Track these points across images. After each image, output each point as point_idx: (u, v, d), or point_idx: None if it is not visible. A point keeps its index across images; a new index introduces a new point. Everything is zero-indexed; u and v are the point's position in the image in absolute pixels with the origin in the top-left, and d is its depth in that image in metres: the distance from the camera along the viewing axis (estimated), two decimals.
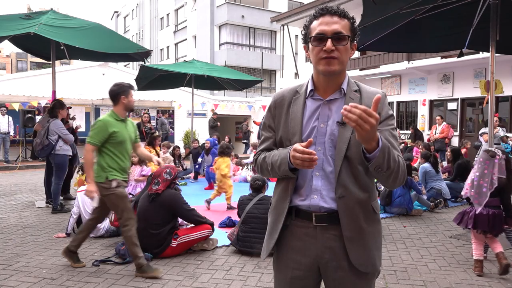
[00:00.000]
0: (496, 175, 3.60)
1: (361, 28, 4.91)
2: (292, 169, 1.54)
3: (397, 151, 1.52)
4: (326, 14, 1.54)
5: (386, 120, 1.57)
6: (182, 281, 3.55)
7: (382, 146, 1.39)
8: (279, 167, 1.57)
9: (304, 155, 1.41)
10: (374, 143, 1.38)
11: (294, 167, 1.51)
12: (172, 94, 16.27)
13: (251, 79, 11.23)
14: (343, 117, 1.49)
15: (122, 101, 3.82)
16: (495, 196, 3.65)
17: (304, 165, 1.44)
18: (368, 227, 1.57)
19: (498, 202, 3.69)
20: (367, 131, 1.31)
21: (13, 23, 5.83)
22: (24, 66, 59.91)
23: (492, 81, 4.62)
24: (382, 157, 1.40)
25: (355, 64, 15.77)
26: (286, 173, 1.56)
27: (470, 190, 3.74)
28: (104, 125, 3.67)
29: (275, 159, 1.59)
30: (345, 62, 1.55)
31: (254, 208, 4.32)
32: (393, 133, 1.57)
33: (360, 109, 1.29)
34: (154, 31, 39.03)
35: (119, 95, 3.81)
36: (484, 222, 3.61)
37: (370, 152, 1.40)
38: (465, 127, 13.25)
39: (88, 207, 4.76)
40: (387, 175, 1.45)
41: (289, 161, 1.50)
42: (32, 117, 12.46)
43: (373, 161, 1.41)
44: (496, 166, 3.59)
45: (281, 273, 1.68)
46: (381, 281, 3.55)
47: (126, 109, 3.88)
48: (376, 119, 1.30)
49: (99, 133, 3.64)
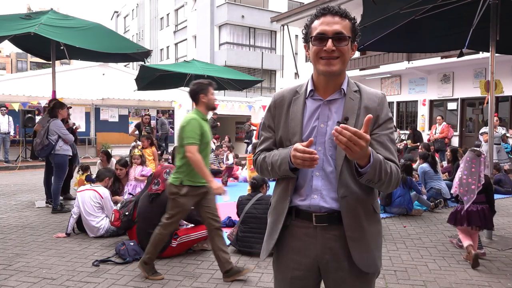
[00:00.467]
0: (483, 173, 3.81)
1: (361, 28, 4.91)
2: (292, 169, 1.53)
3: (392, 155, 1.54)
4: (327, 14, 1.54)
5: (385, 123, 1.58)
6: (182, 281, 3.55)
7: (373, 162, 1.40)
8: (279, 167, 1.56)
9: (305, 155, 1.41)
10: (365, 159, 1.40)
11: (294, 167, 1.50)
12: (172, 94, 16.26)
13: (251, 79, 11.22)
14: (342, 118, 1.49)
15: (201, 100, 3.52)
16: (481, 193, 3.91)
17: (305, 164, 1.43)
18: (369, 227, 1.57)
19: (484, 198, 3.95)
20: (356, 153, 1.32)
21: (13, 23, 5.83)
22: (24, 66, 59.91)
23: (492, 81, 4.62)
24: (373, 173, 1.42)
25: (355, 64, 15.77)
26: (286, 173, 1.56)
27: (459, 188, 3.91)
28: (198, 124, 3.40)
29: (275, 159, 1.59)
30: (345, 63, 1.55)
31: (252, 208, 4.32)
32: (391, 137, 1.58)
33: (350, 131, 1.30)
34: (154, 31, 39.03)
35: (197, 94, 3.51)
36: (476, 218, 3.85)
37: (362, 167, 1.42)
38: (465, 127, 13.25)
39: (88, 207, 4.76)
40: (378, 185, 1.49)
41: (290, 160, 1.50)
42: (32, 117, 12.47)
43: (364, 176, 1.43)
44: (483, 164, 3.82)
45: (281, 273, 1.68)
46: (381, 281, 3.55)
47: (207, 108, 3.58)
48: (366, 141, 1.32)
49: (196, 131, 3.36)
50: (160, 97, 17.03)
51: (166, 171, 4.28)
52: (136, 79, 9.82)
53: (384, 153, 1.51)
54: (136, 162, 6.32)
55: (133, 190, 6.25)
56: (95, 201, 4.81)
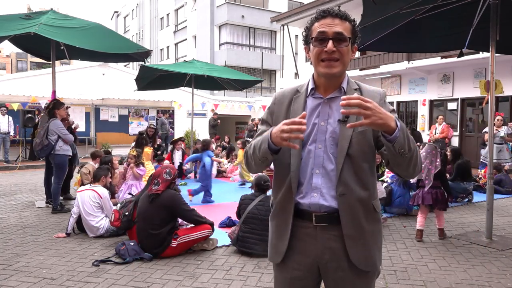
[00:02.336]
0: (438, 161, 4.84)
1: (361, 28, 4.92)
2: (273, 151, 1.50)
3: None
4: (327, 16, 1.55)
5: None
6: (182, 281, 3.55)
7: (401, 125, 1.39)
8: (260, 147, 1.53)
9: (292, 126, 1.38)
10: (393, 124, 1.37)
11: (274, 147, 1.48)
12: (172, 94, 16.26)
13: (251, 79, 11.22)
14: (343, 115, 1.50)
15: None
16: (436, 179, 4.83)
17: (291, 136, 1.39)
18: (369, 226, 1.57)
19: (439, 184, 4.89)
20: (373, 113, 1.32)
21: (13, 23, 5.83)
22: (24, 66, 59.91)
23: (492, 81, 4.62)
24: (403, 137, 1.39)
25: (355, 64, 15.77)
26: (265, 154, 1.52)
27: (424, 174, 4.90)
28: None
29: (258, 139, 1.58)
30: (345, 65, 1.56)
31: (255, 208, 4.31)
32: None
33: (353, 98, 1.32)
34: (154, 31, 39.03)
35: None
36: (429, 198, 4.82)
37: (390, 134, 1.38)
38: (465, 127, 13.25)
39: (87, 207, 4.76)
40: (409, 158, 1.43)
41: (270, 139, 1.47)
42: (32, 117, 12.46)
43: (396, 141, 1.38)
44: (438, 155, 4.84)
45: (281, 273, 1.68)
46: (381, 281, 3.55)
47: None
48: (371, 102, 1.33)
49: None
50: (160, 97, 17.04)
51: (166, 171, 4.28)
52: (136, 79, 9.82)
53: None
54: (130, 162, 6.37)
55: (129, 189, 6.25)
56: (94, 201, 4.81)
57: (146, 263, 3.98)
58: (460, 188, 7.17)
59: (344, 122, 1.53)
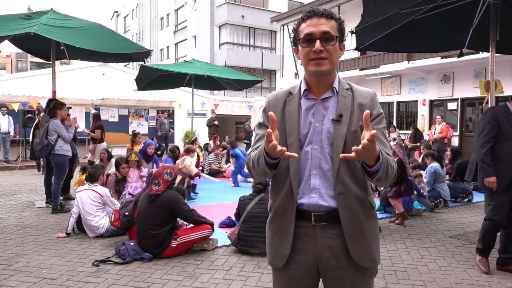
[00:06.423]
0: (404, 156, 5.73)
1: (361, 28, 4.92)
2: (270, 166, 1.51)
3: (388, 149, 1.58)
4: (313, 16, 1.56)
5: (378, 118, 1.61)
6: (182, 281, 3.55)
7: (383, 160, 1.43)
8: (258, 162, 1.54)
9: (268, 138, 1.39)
10: (374, 159, 1.42)
11: (271, 161, 1.48)
12: (172, 94, 16.27)
13: (251, 79, 11.22)
14: (337, 115, 1.52)
15: None
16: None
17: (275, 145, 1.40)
18: (367, 223, 1.59)
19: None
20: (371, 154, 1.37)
21: (13, 23, 5.83)
22: (24, 66, 59.90)
23: (492, 81, 4.62)
24: (383, 170, 1.45)
25: (355, 64, 15.77)
26: (263, 169, 1.53)
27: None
28: None
29: (255, 153, 1.58)
30: (334, 63, 1.58)
31: (255, 207, 4.31)
32: (384, 132, 1.61)
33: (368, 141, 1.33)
34: (154, 31, 39.04)
35: None
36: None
37: (371, 167, 1.44)
38: (465, 127, 13.25)
39: (87, 207, 4.76)
40: (383, 181, 1.52)
41: (265, 154, 1.48)
42: (32, 117, 12.47)
43: (376, 174, 1.45)
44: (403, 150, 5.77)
45: (281, 274, 1.68)
46: (381, 281, 3.55)
47: None
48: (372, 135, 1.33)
49: None
50: (160, 97, 17.04)
51: (167, 172, 4.28)
52: (136, 79, 9.82)
53: (381, 147, 1.52)
54: (132, 166, 6.41)
55: (133, 191, 6.26)
56: (94, 201, 4.81)
57: (146, 263, 3.98)
58: (460, 188, 7.16)
59: (338, 122, 1.56)
